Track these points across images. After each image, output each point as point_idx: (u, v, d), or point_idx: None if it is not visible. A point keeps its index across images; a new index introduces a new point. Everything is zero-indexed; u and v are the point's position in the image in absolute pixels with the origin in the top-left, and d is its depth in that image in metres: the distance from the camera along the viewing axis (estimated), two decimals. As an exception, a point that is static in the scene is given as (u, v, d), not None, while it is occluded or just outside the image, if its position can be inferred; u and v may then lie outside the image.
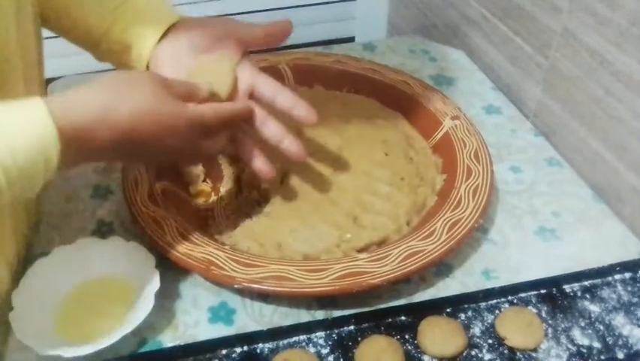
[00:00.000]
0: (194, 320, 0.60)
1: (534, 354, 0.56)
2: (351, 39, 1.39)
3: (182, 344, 0.57)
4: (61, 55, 0.71)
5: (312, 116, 0.60)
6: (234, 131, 0.60)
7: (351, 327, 0.57)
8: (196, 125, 0.54)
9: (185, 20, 0.62)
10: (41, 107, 0.45)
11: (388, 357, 0.54)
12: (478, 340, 0.57)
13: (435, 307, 0.59)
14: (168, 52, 0.60)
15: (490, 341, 0.57)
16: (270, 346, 0.56)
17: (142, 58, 0.61)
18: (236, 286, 0.58)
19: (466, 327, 0.58)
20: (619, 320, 0.59)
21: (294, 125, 0.77)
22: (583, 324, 0.58)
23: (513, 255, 0.67)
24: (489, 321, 0.58)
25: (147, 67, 0.61)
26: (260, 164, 0.61)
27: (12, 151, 0.43)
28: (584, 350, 0.56)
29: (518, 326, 0.57)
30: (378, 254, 0.61)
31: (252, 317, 0.60)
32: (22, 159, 0.43)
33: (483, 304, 0.60)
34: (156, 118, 0.51)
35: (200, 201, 0.71)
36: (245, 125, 0.61)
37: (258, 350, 0.56)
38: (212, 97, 0.58)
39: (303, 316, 0.60)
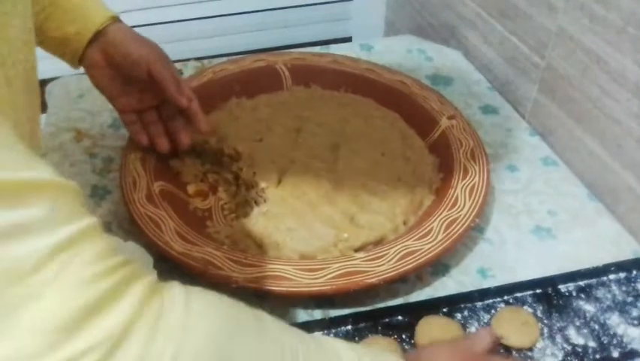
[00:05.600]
0: (192, 319, 0.60)
1: (530, 353, 0.56)
2: (348, 39, 1.39)
3: (180, 343, 0.57)
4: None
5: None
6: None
7: (349, 327, 0.58)
8: None
9: (113, 29, 0.65)
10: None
11: (385, 356, 0.54)
12: (474, 339, 0.57)
13: (432, 306, 0.60)
14: (90, 59, 0.65)
15: (486, 340, 0.57)
16: (268, 345, 0.56)
17: (75, 57, 0.65)
18: (233, 285, 0.58)
19: (463, 326, 0.58)
20: (614, 320, 0.59)
21: (296, 126, 0.78)
22: (578, 323, 0.59)
23: (509, 254, 0.67)
24: (485, 320, 0.59)
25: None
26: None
27: None
28: (580, 349, 0.57)
29: (514, 326, 0.57)
30: (375, 253, 0.61)
31: (250, 317, 0.60)
32: None
33: (479, 304, 0.60)
34: None
35: (198, 201, 0.71)
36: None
37: (256, 350, 0.56)
38: None
39: (301, 315, 0.61)
